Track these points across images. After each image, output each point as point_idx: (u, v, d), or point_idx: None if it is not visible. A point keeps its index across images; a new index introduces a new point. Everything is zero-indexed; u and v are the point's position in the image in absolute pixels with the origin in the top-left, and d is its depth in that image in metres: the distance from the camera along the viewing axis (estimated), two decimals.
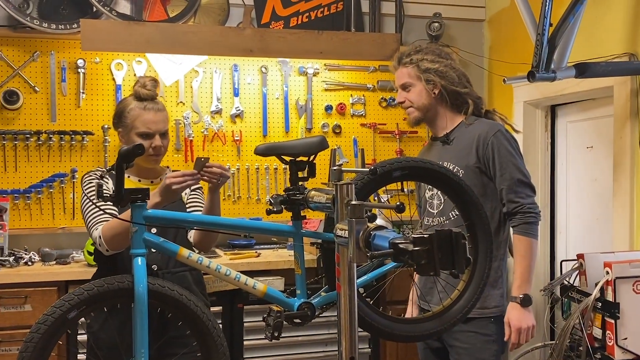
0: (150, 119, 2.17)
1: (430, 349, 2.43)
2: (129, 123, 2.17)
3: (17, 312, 2.88)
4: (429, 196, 2.39)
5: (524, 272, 2.23)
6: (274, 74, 3.77)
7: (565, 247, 3.55)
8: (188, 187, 1.96)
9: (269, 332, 1.65)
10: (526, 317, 2.21)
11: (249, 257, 3.28)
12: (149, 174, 2.25)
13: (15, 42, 3.39)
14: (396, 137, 3.93)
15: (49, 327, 1.59)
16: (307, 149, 1.79)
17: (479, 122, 2.35)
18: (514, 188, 2.24)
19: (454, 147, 2.34)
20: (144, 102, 2.18)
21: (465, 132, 2.34)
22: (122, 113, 2.19)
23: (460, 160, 2.29)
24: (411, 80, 2.36)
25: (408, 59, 2.36)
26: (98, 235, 2.04)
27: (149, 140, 2.17)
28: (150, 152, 2.18)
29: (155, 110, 2.19)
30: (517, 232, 2.24)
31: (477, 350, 2.26)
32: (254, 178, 3.74)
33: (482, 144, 2.27)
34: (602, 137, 3.23)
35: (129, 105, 2.19)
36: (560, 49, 2.55)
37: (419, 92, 2.35)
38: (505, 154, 2.26)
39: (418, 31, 3.92)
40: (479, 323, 2.23)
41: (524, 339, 2.21)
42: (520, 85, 3.58)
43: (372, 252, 1.17)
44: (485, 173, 2.28)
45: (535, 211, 2.26)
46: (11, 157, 3.37)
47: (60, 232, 3.42)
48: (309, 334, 3.16)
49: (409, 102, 2.38)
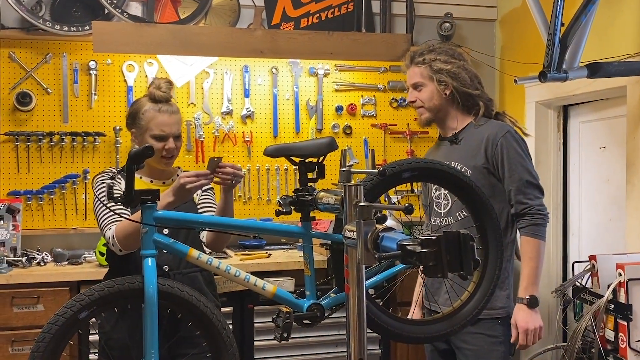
0: (164, 121, 2.17)
1: (438, 350, 2.42)
2: (143, 125, 2.18)
3: (30, 312, 2.90)
4: (435, 196, 2.38)
5: (530, 273, 2.22)
6: (284, 74, 3.78)
7: (578, 249, 3.52)
8: (201, 187, 1.97)
9: (278, 333, 1.65)
10: (533, 319, 2.20)
11: (259, 257, 3.29)
12: (160, 175, 2.26)
13: (28, 44, 3.42)
14: (407, 138, 3.92)
15: (60, 327, 1.60)
16: (316, 150, 1.78)
17: (488, 123, 2.34)
18: (522, 189, 2.23)
19: (462, 147, 2.33)
20: (158, 104, 2.19)
21: (474, 133, 2.33)
22: (136, 114, 2.20)
23: (468, 161, 2.28)
24: (423, 80, 2.35)
25: (421, 58, 2.35)
26: (111, 236, 2.05)
27: (162, 142, 2.17)
28: (164, 154, 2.19)
29: (169, 112, 2.20)
30: (525, 234, 2.23)
31: (484, 352, 2.24)
32: (264, 179, 3.74)
33: (491, 144, 2.26)
34: (615, 138, 3.20)
35: (143, 106, 2.19)
36: (572, 49, 2.53)
37: (430, 92, 2.34)
38: (514, 155, 2.25)
39: (429, 31, 3.91)
40: (485, 324, 2.21)
41: (531, 340, 2.20)
42: (532, 86, 3.55)
43: (380, 253, 1.17)
44: (493, 174, 2.27)
45: (544, 213, 2.24)
46: (24, 158, 3.40)
47: (73, 233, 3.45)
48: (319, 334, 3.16)
49: (420, 102, 2.37)
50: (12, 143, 3.39)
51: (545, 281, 3.58)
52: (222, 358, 1.74)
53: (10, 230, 3.21)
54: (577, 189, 3.54)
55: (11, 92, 3.39)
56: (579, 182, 3.53)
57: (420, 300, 2.49)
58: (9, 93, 3.39)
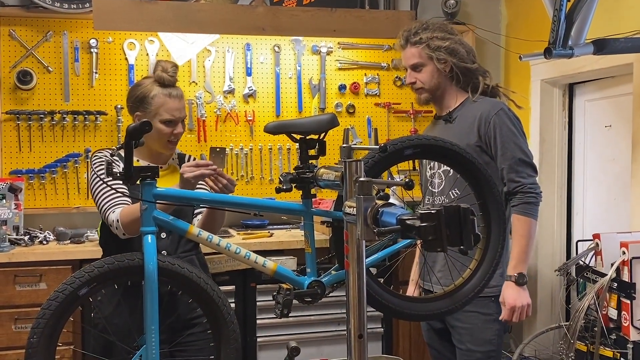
0: (175, 106, 2.17)
1: (434, 329, 2.42)
2: (152, 110, 2.15)
3: (33, 290, 2.91)
4: (429, 175, 2.36)
5: (520, 251, 2.20)
6: (286, 53, 3.74)
7: (582, 228, 3.51)
8: (202, 176, 1.96)
9: (278, 310, 1.65)
10: (521, 296, 2.18)
11: (261, 237, 3.29)
12: (158, 159, 2.25)
13: (29, 22, 3.39)
14: (411, 117, 3.88)
15: (60, 304, 1.60)
16: (317, 126, 1.76)
17: (483, 100, 2.31)
18: (515, 167, 2.21)
19: (456, 126, 2.30)
20: (167, 88, 2.17)
21: (467, 111, 2.30)
22: (144, 98, 2.16)
23: (461, 139, 2.24)
24: (422, 60, 2.30)
25: (417, 37, 2.30)
26: (115, 219, 2.02)
27: (171, 127, 2.17)
28: (172, 139, 2.19)
29: (179, 97, 2.20)
30: (517, 212, 2.21)
31: (478, 330, 2.24)
32: (266, 158, 3.72)
33: (483, 122, 2.23)
34: (621, 116, 3.17)
35: (151, 90, 2.16)
36: (578, 25, 2.49)
37: (430, 72, 2.30)
38: (507, 133, 2.22)
39: (433, 8, 3.86)
40: (479, 302, 2.20)
41: (517, 317, 2.18)
42: (538, 64, 3.51)
43: (379, 228, 1.16)
44: (486, 152, 2.25)
45: (536, 191, 2.22)
46: (25, 137, 3.39)
47: (75, 212, 3.45)
48: (321, 313, 3.16)
49: (420, 83, 2.33)
50: (13, 122, 3.37)
51: (549, 260, 3.57)
52: (223, 335, 1.74)
53: (13, 209, 3.21)
54: (582, 167, 3.51)
55: (12, 70, 3.36)
56: (584, 161, 3.50)
57: (416, 278, 2.49)
58: (10, 71, 3.36)
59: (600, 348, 2.51)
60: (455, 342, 2.31)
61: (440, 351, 2.43)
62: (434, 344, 2.45)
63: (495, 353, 2.27)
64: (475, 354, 2.25)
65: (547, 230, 3.57)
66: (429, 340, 2.47)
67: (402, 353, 3.29)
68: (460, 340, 2.28)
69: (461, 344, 2.28)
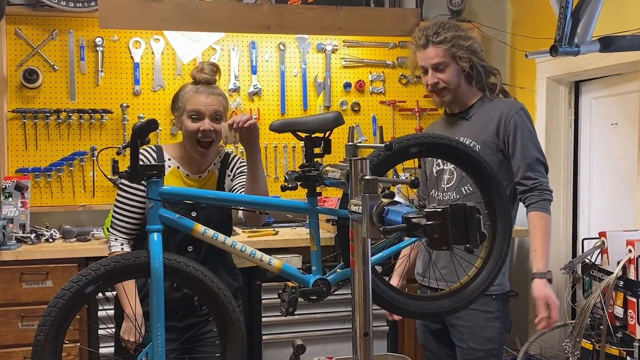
0: (200, 100, 2.12)
1: (430, 331, 2.41)
2: (181, 106, 2.15)
3: (39, 288, 2.92)
4: (436, 171, 2.36)
5: (546, 248, 2.21)
6: (292, 51, 3.74)
7: (588, 226, 3.50)
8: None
9: (283, 308, 1.65)
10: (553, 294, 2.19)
11: (267, 235, 3.29)
12: (199, 168, 2.21)
13: (34, 20, 3.40)
14: (416, 115, 3.88)
15: (66, 302, 1.60)
16: (322, 124, 1.75)
17: (499, 99, 2.34)
18: (532, 166, 2.23)
19: (472, 123, 2.31)
20: (198, 85, 2.16)
21: (485, 109, 2.31)
22: (177, 97, 2.18)
23: (478, 136, 2.26)
24: (446, 60, 2.27)
25: (440, 38, 2.26)
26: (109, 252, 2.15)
27: (197, 123, 2.12)
28: (199, 137, 2.12)
29: (207, 93, 2.14)
30: (536, 209, 2.21)
31: (479, 328, 2.24)
32: (272, 156, 3.73)
33: (504, 121, 2.25)
34: (627, 114, 3.16)
35: (184, 89, 2.18)
36: (585, 22, 2.47)
37: (454, 71, 2.28)
38: (527, 133, 2.25)
39: (439, 6, 3.85)
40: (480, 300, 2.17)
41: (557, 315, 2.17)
42: (544, 61, 3.50)
43: (385, 227, 1.16)
44: (502, 151, 2.25)
45: (550, 190, 2.25)
46: (32, 135, 3.40)
47: (81, 210, 3.46)
48: (327, 311, 3.17)
49: (442, 83, 2.29)
50: (19, 120, 3.39)
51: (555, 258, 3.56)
52: (229, 332, 1.74)
53: (19, 207, 3.23)
54: (588, 165, 3.50)
55: (18, 69, 3.38)
56: (590, 159, 3.49)
57: (400, 270, 2.47)
58: (16, 70, 3.38)
59: (606, 346, 2.50)
60: (456, 341, 2.30)
61: (436, 353, 2.42)
62: (429, 346, 2.44)
63: (496, 351, 2.27)
64: (477, 352, 2.25)
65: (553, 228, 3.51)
66: (424, 342, 2.46)
67: (407, 351, 3.29)
68: (461, 339, 2.28)
69: (462, 343, 2.28)
